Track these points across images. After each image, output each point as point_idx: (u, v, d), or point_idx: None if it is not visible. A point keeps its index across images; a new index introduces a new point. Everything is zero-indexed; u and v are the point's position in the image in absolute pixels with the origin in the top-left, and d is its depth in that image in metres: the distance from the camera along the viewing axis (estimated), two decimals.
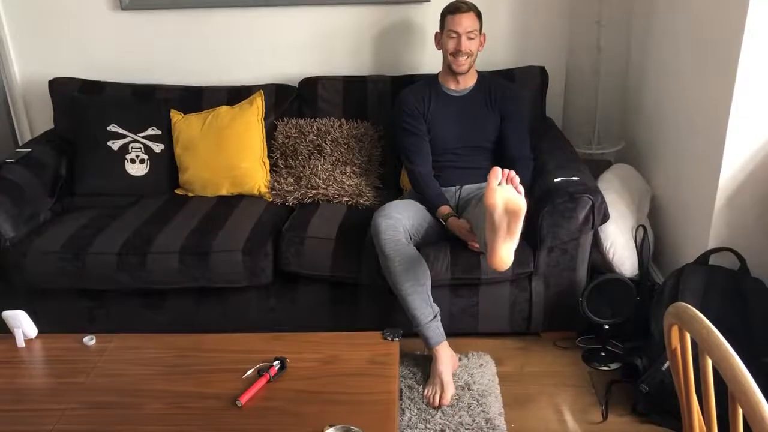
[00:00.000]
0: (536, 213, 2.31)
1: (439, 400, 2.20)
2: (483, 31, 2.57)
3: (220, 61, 3.10)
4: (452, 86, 2.62)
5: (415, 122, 2.58)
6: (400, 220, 2.30)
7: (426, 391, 2.25)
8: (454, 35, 2.51)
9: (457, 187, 2.58)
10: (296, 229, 2.47)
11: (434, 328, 2.27)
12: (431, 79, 2.67)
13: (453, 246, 2.38)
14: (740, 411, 0.94)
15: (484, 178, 2.57)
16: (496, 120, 2.59)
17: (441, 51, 2.60)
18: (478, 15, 2.55)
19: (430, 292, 2.27)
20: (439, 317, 2.28)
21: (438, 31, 2.61)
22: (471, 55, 2.54)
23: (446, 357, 2.28)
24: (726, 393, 0.96)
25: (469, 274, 2.35)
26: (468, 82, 2.62)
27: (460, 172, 2.59)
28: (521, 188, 1.92)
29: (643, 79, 2.96)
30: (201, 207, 2.69)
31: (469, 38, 2.51)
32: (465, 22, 2.49)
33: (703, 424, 1.19)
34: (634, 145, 3.07)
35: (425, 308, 2.25)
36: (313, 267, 2.41)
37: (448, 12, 2.55)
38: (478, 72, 2.64)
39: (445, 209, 2.44)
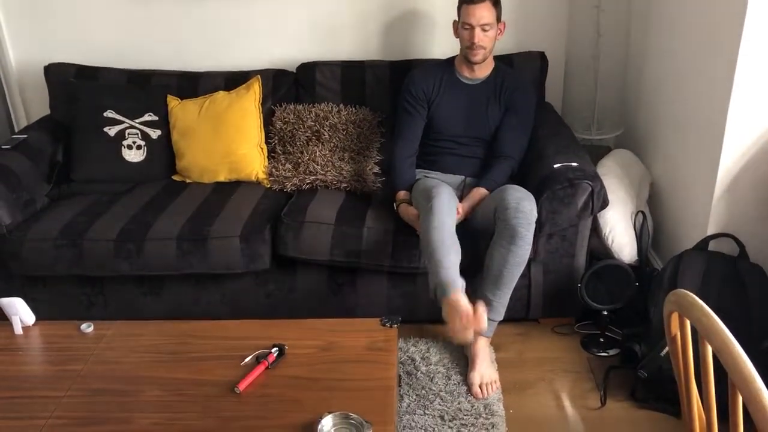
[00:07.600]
0: (536, 199, 2.30)
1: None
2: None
3: (216, 46, 3.08)
4: (466, 74, 2.57)
5: (416, 104, 2.56)
6: (453, 202, 2.27)
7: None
8: (467, 27, 2.43)
9: (462, 177, 2.58)
10: (294, 213, 2.45)
11: (457, 273, 2.08)
12: (446, 63, 2.63)
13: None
14: (740, 398, 0.94)
15: (481, 169, 2.57)
16: (500, 112, 2.56)
17: (458, 39, 2.53)
18: (495, 3, 2.44)
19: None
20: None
21: (456, 19, 2.53)
22: (486, 48, 2.47)
23: (466, 305, 1.98)
24: (725, 380, 0.95)
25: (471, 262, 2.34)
26: (483, 71, 2.57)
27: (460, 160, 2.59)
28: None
29: (642, 64, 2.94)
30: (198, 193, 2.68)
31: (484, 30, 2.42)
32: (479, 13, 2.40)
33: (702, 411, 1.19)
34: (634, 131, 3.05)
35: (455, 258, 2.13)
36: (311, 251, 2.40)
37: (463, 1, 2.45)
38: (495, 62, 2.59)
39: (403, 194, 2.47)
